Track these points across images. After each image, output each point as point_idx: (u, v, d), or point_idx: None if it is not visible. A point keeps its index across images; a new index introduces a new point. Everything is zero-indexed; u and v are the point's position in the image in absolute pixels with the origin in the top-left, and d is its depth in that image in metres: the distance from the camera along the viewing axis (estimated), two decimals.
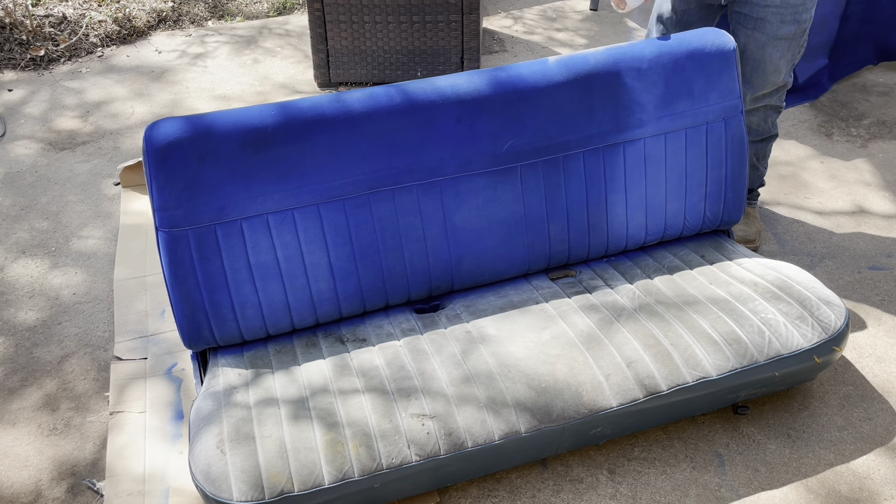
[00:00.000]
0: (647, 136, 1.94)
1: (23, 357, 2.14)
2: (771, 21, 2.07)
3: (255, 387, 1.68)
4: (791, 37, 2.09)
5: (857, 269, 2.39)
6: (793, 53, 2.13)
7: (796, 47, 2.13)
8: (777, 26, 2.07)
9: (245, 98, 3.43)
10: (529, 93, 1.84)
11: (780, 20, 2.06)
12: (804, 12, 2.07)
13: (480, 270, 1.92)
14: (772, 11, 2.06)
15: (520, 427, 1.60)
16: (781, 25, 2.07)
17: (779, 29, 2.07)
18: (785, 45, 2.10)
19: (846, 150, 2.98)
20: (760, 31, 2.09)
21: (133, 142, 3.11)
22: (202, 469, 1.50)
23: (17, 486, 1.79)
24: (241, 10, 4.29)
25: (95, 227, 2.63)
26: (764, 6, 2.06)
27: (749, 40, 2.12)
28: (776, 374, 1.75)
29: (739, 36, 2.15)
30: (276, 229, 1.72)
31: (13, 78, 3.59)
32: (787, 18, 2.06)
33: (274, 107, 1.73)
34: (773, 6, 2.05)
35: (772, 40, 2.09)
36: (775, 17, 2.06)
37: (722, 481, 1.77)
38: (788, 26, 2.07)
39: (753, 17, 2.09)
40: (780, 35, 2.08)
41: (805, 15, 2.08)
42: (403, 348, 1.76)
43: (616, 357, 1.71)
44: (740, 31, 2.14)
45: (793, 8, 2.05)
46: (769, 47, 2.10)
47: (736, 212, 2.09)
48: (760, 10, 2.07)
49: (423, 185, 1.80)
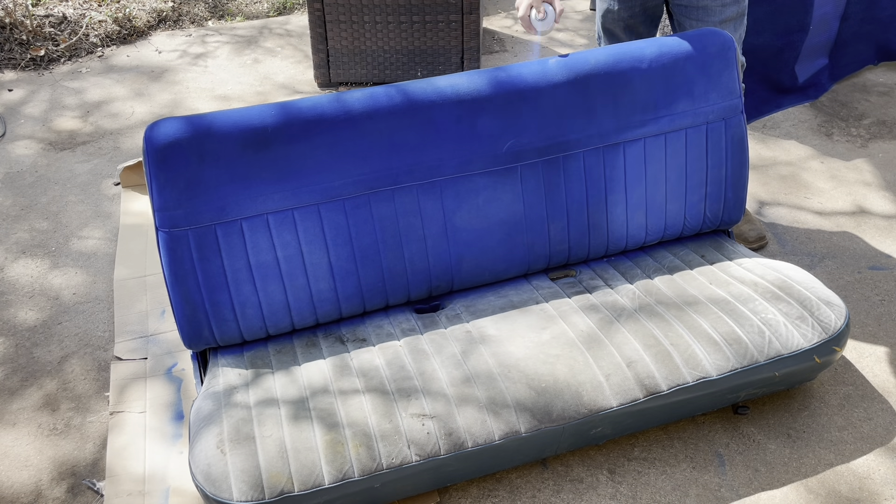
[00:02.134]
0: (647, 136, 1.94)
1: (23, 357, 2.14)
2: (712, 7, 2.09)
3: (255, 387, 1.68)
4: (735, 17, 2.12)
5: (857, 269, 2.39)
6: (739, 34, 2.16)
7: (741, 26, 2.16)
8: (720, 11, 2.09)
9: (245, 98, 3.43)
10: (529, 93, 1.84)
11: (720, 4, 2.08)
12: None
13: (480, 270, 1.92)
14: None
15: (520, 427, 1.60)
16: (723, 9, 2.09)
17: (722, 13, 2.09)
18: (731, 27, 2.12)
19: (846, 150, 2.98)
20: (704, 19, 2.11)
21: (133, 142, 3.11)
22: (202, 469, 1.50)
23: (18, 486, 1.79)
24: (241, 10, 4.29)
25: (95, 227, 2.63)
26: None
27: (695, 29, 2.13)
28: (776, 374, 1.75)
29: (686, 26, 2.17)
30: (276, 229, 1.72)
31: (13, 78, 3.60)
32: (727, 1, 2.08)
33: (274, 107, 1.73)
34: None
35: (717, 25, 2.11)
36: (716, 2, 2.08)
37: (722, 481, 1.77)
38: (730, 8, 2.09)
39: (695, 7, 2.11)
40: (724, 18, 2.10)
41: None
42: (403, 348, 1.76)
43: (616, 357, 1.71)
44: (685, 23, 2.16)
45: None
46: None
47: (736, 212, 2.09)
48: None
49: (423, 185, 1.80)
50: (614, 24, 2.23)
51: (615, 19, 2.21)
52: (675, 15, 2.20)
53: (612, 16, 2.21)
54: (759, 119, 3.12)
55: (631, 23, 2.22)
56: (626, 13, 2.20)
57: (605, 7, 2.22)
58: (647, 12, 2.22)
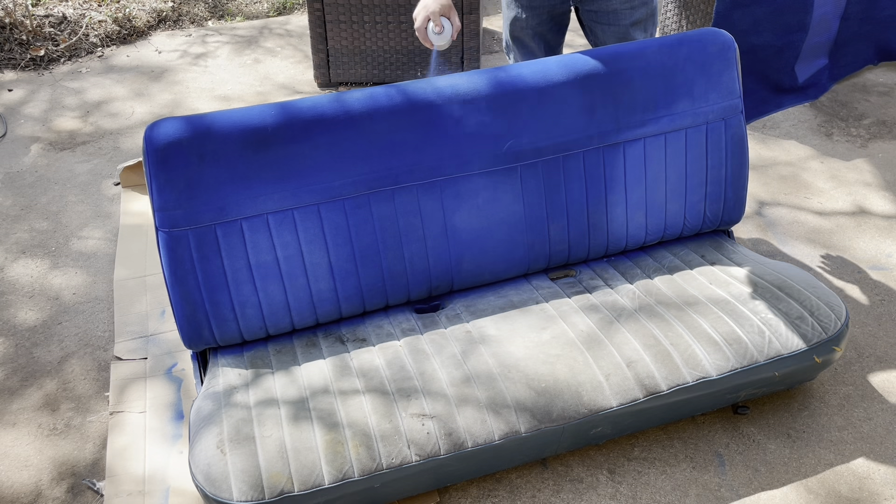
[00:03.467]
0: (647, 136, 1.94)
1: (23, 357, 2.14)
2: (622, 11, 2.07)
3: (255, 387, 1.68)
4: (645, 18, 2.11)
5: (857, 269, 2.39)
6: (650, 33, 2.15)
7: (652, 26, 2.14)
8: (629, 14, 2.08)
9: (245, 98, 3.43)
10: (529, 93, 1.84)
11: (630, 7, 2.07)
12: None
13: (480, 270, 1.92)
14: (620, 2, 2.06)
15: (520, 427, 1.60)
16: (633, 12, 2.08)
17: (631, 16, 2.08)
18: (642, 28, 2.11)
19: (846, 150, 2.98)
20: (615, 22, 2.09)
21: (133, 142, 3.11)
22: (202, 469, 1.50)
23: (18, 486, 1.79)
24: (241, 10, 4.29)
25: (95, 227, 2.63)
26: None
27: (607, 35, 2.13)
28: (776, 374, 1.75)
29: (597, 33, 2.15)
30: (276, 229, 1.72)
31: (13, 78, 3.60)
32: (636, 4, 2.07)
33: (274, 107, 1.73)
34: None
35: (629, 28, 2.09)
36: (625, 5, 2.06)
37: (722, 481, 1.77)
38: (639, 10, 2.08)
39: (605, 12, 2.09)
40: (635, 21, 2.09)
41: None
42: (403, 348, 1.76)
43: (616, 357, 1.71)
44: (597, 28, 2.14)
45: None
46: (628, 35, 2.11)
47: (736, 212, 2.09)
48: (609, 3, 2.07)
49: (423, 185, 1.80)
50: (522, 32, 2.19)
51: (523, 27, 2.17)
52: (584, 21, 2.18)
53: (520, 24, 2.17)
54: (759, 119, 3.12)
55: (539, 30, 2.18)
56: (535, 21, 2.16)
57: (513, 15, 2.18)
58: (554, 20, 2.18)
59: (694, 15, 3.39)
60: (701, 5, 3.32)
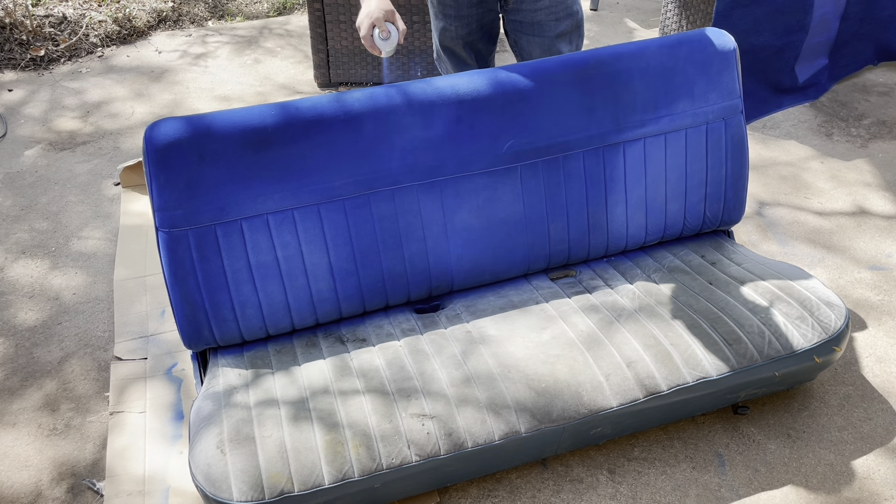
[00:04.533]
0: (647, 136, 1.94)
1: (23, 357, 2.14)
2: (546, 22, 2.06)
3: (255, 387, 1.68)
4: (570, 31, 2.10)
5: (857, 269, 2.39)
6: (576, 45, 2.14)
7: (577, 38, 2.14)
8: (554, 25, 2.07)
9: (245, 98, 3.43)
10: (529, 93, 1.84)
11: (555, 18, 2.06)
12: (574, 4, 2.08)
13: (480, 270, 1.92)
14: (545, 13, 2.05)
15: (520, 427, 1.60)
16: (558, 23, 2.06)
17: (556, 27, 2.07)
18: (567, 40, 2.10)
19: (846, 150, 2.98)
20: (540, 34, 2.08)
21: (133, 142, 3.11)
22: (202, 469, 1.50)
23: (18, 486, 1.79)
24: (241, 10, 4.29)
25: (95, 227, 2.63)
26: (535, 10, 2.05)
27: (532, 45, 2.11)
28: (776, 374, 1.75)
29: (522, 43, 2.13)
30: (276, 229, 1.72)
31: (13, 78, 3.60)
32: (560, 15, 2.06)
33: (274, 107, 1.73)
34: (544, 8, 2.04)
35: (553, 40, 2.08)
36: (550, 16, 2.05)
37: (722, 481, 1.77)
38: (564, 22, 2.07)
39: (529, 23, 2.08)
40: (559, 32, 2.08)
41: (575, 6, 2.09)
42: (403, 348, 1.76)
43: (616, 357, 1.71)
44: (521, 38, 2.13)
45: (562, 5, 2.05)
46: (553, 47, 2.10)
47: (736, 212, 2.09)
48: (533, 14, 2.06)
49: (423, 185, 1.80)
50: (453, 42, 2.18)
51: (453, 37, 2.16)
52: (510, 32, 2.16)
53: (450, 34, 2.16)
54: (759, 119, 3.12)
55: (469, 40, 2.17)
56: (464, 30, 2.15)
57: (442, 26, 2.17)
58: (483, 28, 2.17)
59: (694, 15, 3.39)
60: (701, 5, 3.32)
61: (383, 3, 1.84)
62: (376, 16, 1.83)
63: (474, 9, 2.10)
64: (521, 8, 2.06)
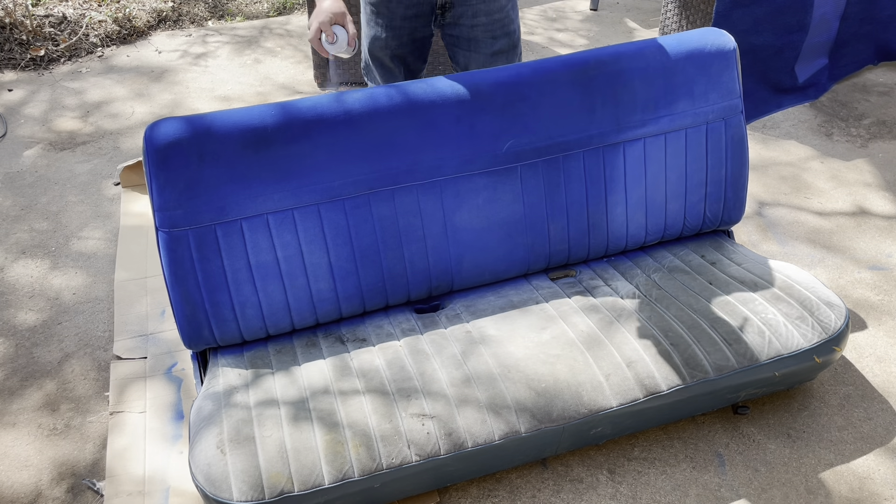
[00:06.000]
0: (647, 136, 1.94)
1: (23, 358, 2.14)
2: (483, 40, 2.04)
3: (255, 387, 1.68)
4: (507, 49, 2.07)
5: (857, 269, 2.39)
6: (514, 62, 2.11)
7: (514, 56, 2.11)
8: (490, 43, 2.04)
9: (245, 98, 3.43)
10: (529, 93, 1.84)
11: (491, 37, 2.04)
12: (510, 24, 2.05)
13: (480, 270, 1.92)
14: (481, 30, 2.03)
15: (520, 427, 1.60)
16: (494, 42, 2.04)
17: (492, 45, 2.05)
18: (504, 58, 2.08)
19: (846, 150, 2.98)
20: (476, 50, 2.06)
21: (133, 142, 3.11)
22: (202, 469, 1.50)
23: (18, 486, 1.79)
24: (241, 10, 4.29)
25: (95, 227, 2.63)
26: (472, 26, 2.02)
27: (469, 60, 2.09)
28: (776, 374, 1.75)
29: (459, 57, 2.11)
30: (276, 229, 1.72)
31: (13, 78, 3.60)
32: (497, 34, 2.04)
33: (274, 107, 1.73)
34: (481, 25, 2.02)
35: (489, 57, 2.06)
36: (486, 34, 2.03)
37: (722, 481, 1.77)
38: (500, 41, 2.05)
39: (466, 38, 2.06)
40: (495, 51, 2.05)
41: (512, 26, 2.06)
42: (403, 349, 1.76)
43: (616, 357, 1.71)
44: (458, 54, 2.11)
45: (500, 23, 2.03)
46: (489, 64, 2.07)
47: (736, 212, 2.09)
48: (469, 30, 2.03)
49: (423, 185, 1.80)
50: (382, 52, 2.12)
51: (382, 47, 2.10)
52: (447, 45, 2.14)
53: (379, 43, 2.10)
54: (759, 119, 3.12)
55: (399, 52, 2.11)
56: (395, 42, 2.08)
57: (373, 34, 2.11)
58: (415, 43, 2.11)
59: (694, 15, 3.39)
60: (701, 5, 3.32)
61: (334, 5, 1.79)
62: (322, 19, 1.78)
63: (408, 22, 2.04)
64: (459, 23, 2.03)
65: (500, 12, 2.02)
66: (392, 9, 2.02)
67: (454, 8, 2.01)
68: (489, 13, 2.00)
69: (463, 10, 2.00)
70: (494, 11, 2.01)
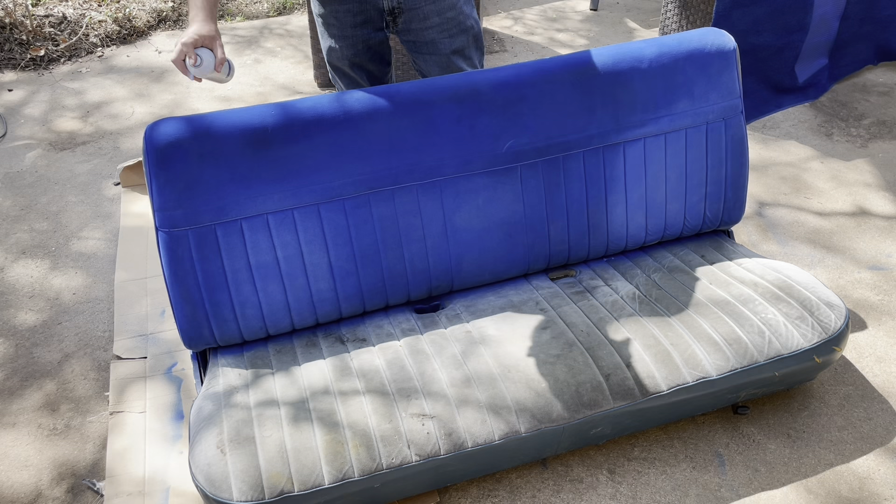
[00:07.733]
0: (647, 136, 1.94)
1: (23, 358, 2.14)
2: (440, 40, 2.02)
3: (255, 387, 1.68)
4: (466, 46, 2.06)
5: (857, 269, 2.39)
6: (476, 59, 2.11)
7: (476, 52, 2.09)
8: (448, 42, 2.03)
9: (245, 98, 3.43)
10: (529, 93, 1.84)
11: (448, 35, 2.02)
12: (466, 19, 2.03)
13: (480, 270, 1.92)
14: (436, 31, 2.01)
15: (520, 427, 1.60)
16: (452, 40, 2.03)
17: (451, 44, 2.03)
18: (463, 56, 2.06)
19: (846, 151, 2.98)
20: (434, 52, 2.04)
21: (133, 142, 3.11)
22: (202, 469, 1.50)
23: (17, 486, 1.79)
24: (241, 10, 4.29)
25: (95, 227, 2.63)
26: (426, 28, 2.01)
27: (429, 65, 2.08)
28: (776, 374, 1.75)
29: (419, 62, 2.09)
30: (276, 229, 1.72)
31: (13, 78, 3.60)
32: (453, 32, 2.02)
33: (274, 107, 1.73)
34: (434, 26, 2.00)
35: (449, 57, 2.05)
36: (442, 34, 2.01)
37: (722, 481, 1.77)
38: (458, 39, 2.03)
39: (422, 42, 2.03)
40: (454, 49, 2.04)
41: (468, 22, 2.04)
42: (404, 349, 1.76)
43: (616, 357, 1.71)
44: (419, 58, 2.09)
45: (454, 21, 2.01)
46: (451, 64, 2.06)
47: (736, 212, 2.09)
48: (425, 33, 2.01)
49: (423, 185, 1.80)
50: (340, 62, 2.11)
51: (339, 57, 2.09)
52: (408, 53, 2.12)
53: (335, 53, 2.08)
54: (759, 119, 3.12)
55: (356, 61, 2.09)
56: (350, 51, 2.06)
57: (328, 45, 2.09)
58: (371, 50, 2.08)
59: (694, 15, 3.39)
60: (701, 5, 3.32)
61: (203, 27, 1.66)
62: (185, 39, 1.64)
63: (358, 30, 2.02)
64: (411, 28, 2.01)
65: (452, 10, 1.99)
66: (340, 18, 2.00)
67: (403, 13, 1.98)
68: (440, 12, 1.98)
69: (412, 15, 1.98)
70: (445, 10, 1.98)
